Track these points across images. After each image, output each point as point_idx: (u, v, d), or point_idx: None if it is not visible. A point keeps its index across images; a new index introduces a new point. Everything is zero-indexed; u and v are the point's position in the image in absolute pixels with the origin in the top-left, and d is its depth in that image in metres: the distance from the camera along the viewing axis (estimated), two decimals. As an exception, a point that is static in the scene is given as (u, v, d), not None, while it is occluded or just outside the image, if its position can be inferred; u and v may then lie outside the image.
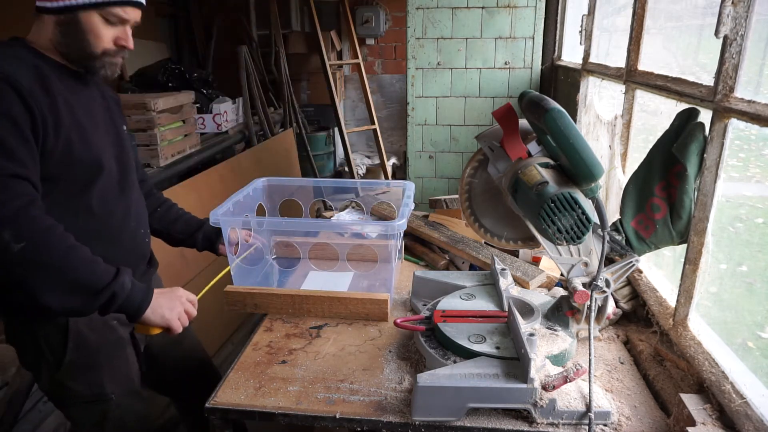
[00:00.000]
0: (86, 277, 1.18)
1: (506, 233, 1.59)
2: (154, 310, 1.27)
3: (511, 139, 1.43)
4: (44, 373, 1.37)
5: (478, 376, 1.18)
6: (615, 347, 1.48)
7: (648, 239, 1.42)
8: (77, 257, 1.18)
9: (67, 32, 1.25)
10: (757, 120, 1.11)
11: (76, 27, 1.24)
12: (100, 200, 1.32)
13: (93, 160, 1.30)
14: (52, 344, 1.33)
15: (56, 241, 1.15)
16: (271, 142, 4.13)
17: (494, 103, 3.79)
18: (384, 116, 5.99)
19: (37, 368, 1.37)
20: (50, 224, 1.16)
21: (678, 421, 1.16)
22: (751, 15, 1.18)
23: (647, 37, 1.88)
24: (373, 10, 5.61)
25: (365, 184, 2.32)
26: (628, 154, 1.93)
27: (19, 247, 1.10)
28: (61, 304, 1.18)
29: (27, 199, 1.14)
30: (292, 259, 2.02)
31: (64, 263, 1.16)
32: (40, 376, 1.39)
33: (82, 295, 1.18)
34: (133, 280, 1.26)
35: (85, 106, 1.32)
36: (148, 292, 1.28)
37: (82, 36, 1.25)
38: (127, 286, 1.23)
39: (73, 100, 1.28)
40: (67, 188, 1.26)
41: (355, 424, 1.23)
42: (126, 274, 1.24)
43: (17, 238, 1.10)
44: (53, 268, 1.15)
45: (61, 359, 1.33)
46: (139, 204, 1.49)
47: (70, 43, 1.26)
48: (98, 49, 1.27)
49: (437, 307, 1.44)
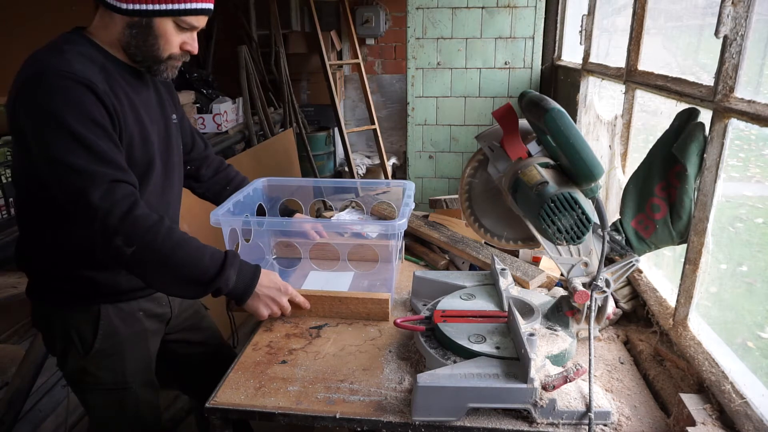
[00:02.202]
0: (193, 271, 1.26)
1: (506, 233, 1.59)
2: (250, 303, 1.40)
3: (511, 139, 1.43)
4: (70, 359, 1.41)
5: (478, 376, 1.18)
6: (615, 347, 1.48)
7: (648, 239, 1.42)
8: (183, 252, 1.25)
9: (139, 35, 1.26)
10: (757, 120, 1.11)
11: (148, 31, 1.25)
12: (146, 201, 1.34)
13: (147, 158, 1.35)
14: (83, 333, 1.37)
15: (161, 240, 1.21)
16: (271, 142, 4.12)
17: (494, 103, 3.79)
18: (384, 116, 5.99)
19: (64, 354, 1.41)
20: (155, 221, 1.22)
21: (678, 421, 1.16)
22: (751, 15, 1.18)
23: (647, 37, 1.88)
24: (373, 10, 5.61)
25: (365, 184, 2.32)
26: (628, 154, 1.93)
27: (131, 251, 1.18)
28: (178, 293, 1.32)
29: (130, 202, 1.19)
30: (292, 259, 2.02)
31: (171, 259, 1.23)
32: (65, 362, 1.43)
33: (193, 287, 1.28)
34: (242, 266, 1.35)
35: (144, 105, 1.36)
36: (252, 280, 1.37)
37: (153, 40, 1.27)
38: (232, 279, 1.31)
39: (135, 99, 1.32)
40: None
41: (355, 424, 1.23)
42: (231, 266, 1.31)
43: (128, 242, 1.18)
44: (163, 264, 1.23)
45: (89, 347, 1.38)
46: (175, 204, 1.54)
47: (139, 44, 1.27)
48: (166, 53, 1.30)
49: (437, 307, 1.44)
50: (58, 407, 2.46)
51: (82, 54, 1.23)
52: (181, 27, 1.27)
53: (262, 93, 4.34)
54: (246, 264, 1.38)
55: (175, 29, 1.27)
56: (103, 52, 1.28)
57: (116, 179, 1.18)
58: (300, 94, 5.60)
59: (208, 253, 1.28)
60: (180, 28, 1.27)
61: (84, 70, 1.18)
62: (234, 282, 1.32)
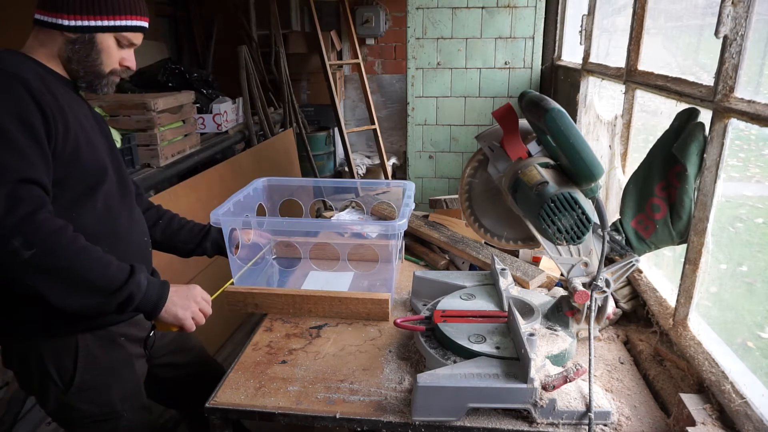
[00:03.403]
0: (100, 278, 1.16)
1: (506, 233, 1.59)
2: (167, 309, 1.26)
3: (511, 139, 1.43)
4: (51, 396, 1.33)
5: (478, 376, 1.18)
6: (615, 347, 1.48)
7: (648, 239, 1.42)
8: (89, 258, 1.15)
9: (81, 50, 1.27)
10: (757, 120, 1.11)
11: (91, 46, 1.28)
12: (105, 204, 1.31)
13: (99, 164, 1.30)
14: (61, 366, 1.30)
15: (66, 243, 1.13)
16: (271, 142, 4.12)
17: (494, 103, 3.79)
18: (384, 116, 5.99)
19: (44, 392, 1.33)
20: (59, 226, 1.13)
21: (678, 421, 1.16)
22: (751, 15, 1.18)
23: (647, 37, 1.88)
24: (373, 10, 5.60)
25: (365, 184, 2.32)
26: (628, 154, 1.93)
27: (29, 254, 1.08)
28: (78, 306, 1.16)
29: (35, 204, 1.11)
30: (292, 259, 2.02)
31: (76, 265, 1.14)
32: (46, 400, 1.34)
33: (98, 296, 1.17)
34: (149, 277, 1.26)
35: (84, 116, 1.32)
36: (164, 288, 1.27)
37: (96, 55, 1.29)
38: (143, 284, 1.22)
39: (75, 108, 1.29)
40: (73, 191, 1.25)
41: (355, 424, 1.23)
42: (141, 272, 1.23)
43: (27, 244, 1.08)
44: (66, 271, 1.13)
45: (70, 381, 1.31)
46: (139, 213, 1.49)
47: (81, 60, 1.28)
48: (108, 68, 1.32)
49: (437, 307, 1.44)
50: (58, 407, 2.46)
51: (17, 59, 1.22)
52: (120, 43, 1.32)
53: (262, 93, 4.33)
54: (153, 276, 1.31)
55: (116, 45, 1.31)
56: (41, 65, 1.27)
57: (24, 179, 1.11)
58: (300, 94, 5.59)
59: (114, 261, 1.20)
60: (119, 44, 1.32)
61: (18, 69, 1.17)
62: (146, 287, 1.22)
